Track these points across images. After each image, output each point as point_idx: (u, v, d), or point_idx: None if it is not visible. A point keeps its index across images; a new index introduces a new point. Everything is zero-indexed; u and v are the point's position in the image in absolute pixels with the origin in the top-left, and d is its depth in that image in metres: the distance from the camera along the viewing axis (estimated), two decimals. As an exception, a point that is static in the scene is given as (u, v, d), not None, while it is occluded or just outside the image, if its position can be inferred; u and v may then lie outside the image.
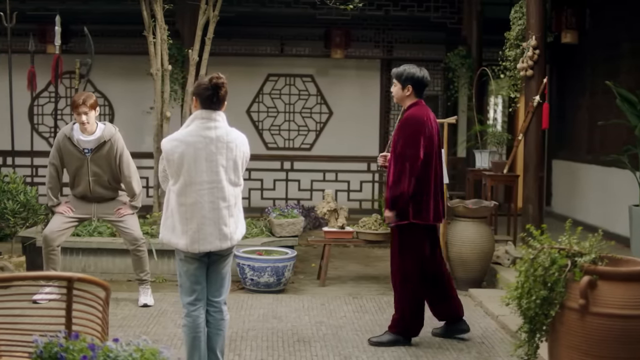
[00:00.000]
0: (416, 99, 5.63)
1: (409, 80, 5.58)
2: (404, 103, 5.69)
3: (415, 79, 5.57)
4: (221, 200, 4.41)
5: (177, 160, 4.36)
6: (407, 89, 5.59)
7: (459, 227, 7.43)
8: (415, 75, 5.57)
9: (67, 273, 3.54)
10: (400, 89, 5.64)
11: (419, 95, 5.64)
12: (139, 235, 6.58)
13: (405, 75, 5.60)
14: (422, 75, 5.61)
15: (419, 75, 5.59)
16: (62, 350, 3.33)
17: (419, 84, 5.59)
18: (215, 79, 4.46)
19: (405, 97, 5.64)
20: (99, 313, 3.74)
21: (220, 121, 4.47)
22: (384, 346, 5.58)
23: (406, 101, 5.66)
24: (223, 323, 4.62)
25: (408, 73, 5.59)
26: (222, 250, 4.49)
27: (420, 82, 5.60)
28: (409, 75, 5.58)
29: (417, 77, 5.58)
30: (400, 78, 5.62)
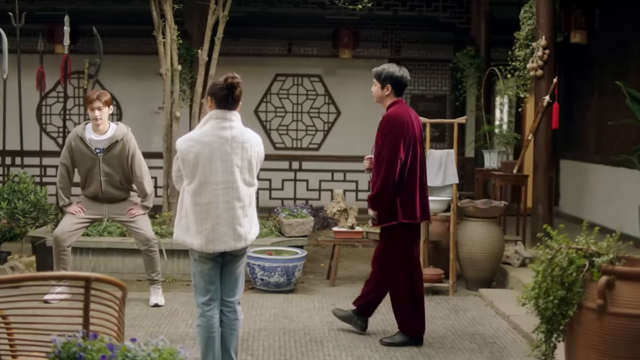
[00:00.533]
0: (396, 98, 5.65)
1: (388, 80, 5.59)
2: (384, 103, 5.70)
3: (395, 78, 5.58)
4: (236, 200, 4.41)
5: (192, 160, 4.36)
6: (386, 88, 5.60)
7: (469, 227, 7.43)
8: (394, 75, 5.58)
9: (85, 273, 3.54)
10: (380, 89, 5.65)
11: (399, 94, 5.67)
12: (151, 236, 6.58)
13: (384, 75, 5.60)
14: (402, 74, 5.63)
15: (398, 74, 5.60)
16: (81, 350, 3.33)
17: (398, 83, 5.61)
18: (230, 78, 4.47)
19: (385, 97, 5.66)
20: (115, 313, 3.75)
21: (235, 121, 4.47)
22: (396, 346, 5.58)
23: (386, 101, 5.67)
24: (237, 323, 4.62)
25: (387, 72, 5.60)
26: (236, 250, 4.49)
27: (400, 81, 5.61)
28: (387, 75, 5.59)
29: (396, 77, 5.58)
30: (380, 77, 5.63)
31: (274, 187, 10.94)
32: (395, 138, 5.43)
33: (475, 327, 6.14)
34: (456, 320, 6.36)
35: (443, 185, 7.42)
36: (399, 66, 5.69)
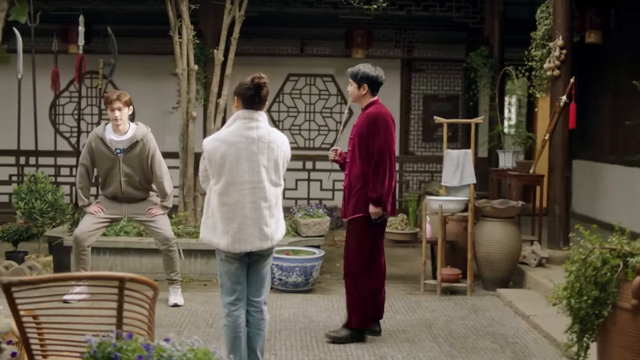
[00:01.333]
0: (373, 98, 5.73)
1: (364, 80, 5.65)
2: (361, 102, 5.77)
3: (370, 78, 5.64)
4: (262, 200, 4.41)
5: (219, 160, 4.37)
6: (362, 87, 5.66)
7: (486, 227, 7.43)
8: (370, 74, 5.65)
9: (119, 273, 3.54)
10: (356, 88, 5.70)
11: (374, 93, 5.73)
12: (170, 235, 6.58)
13: (360, 75, 5.67)
14: (377, 74, 5.69)
15: (374, 74, 5.66)
16: (116, 350, 3.34)
17: (373, 83, 5.68)
18: (257, 78, 4.48)
19: (362, 96, 5.73)
20: (146, 312, 3.75)
21: (261, 121, 4.48)
22: (340, 342, 5.60)
23: (363, 100, 5.74)
24: (263, 323, 4.63)
25: (363, 72, 5.66)
26: (262, 250, 4.49)
27: (375, 80, 5.68)
28: (363, 75, 5.65)
29: (372, 76, 5.65)
30: (356, 77, 5.69)
31: (288, 187, 10.89)
32: (391, 136, 5.58)
33: (495, 327, 6.14)
34: (476, 320, 6.36)
35: (460, 185, 7.44)
36: (374, 66, 5.77)
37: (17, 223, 7.90)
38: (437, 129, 11.28)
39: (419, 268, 8.44)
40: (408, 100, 11.34)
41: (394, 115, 11.13)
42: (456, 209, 7.33)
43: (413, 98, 11.41)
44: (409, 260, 9.02)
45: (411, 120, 11.44)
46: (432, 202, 7.35)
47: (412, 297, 7.11)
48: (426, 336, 5.85)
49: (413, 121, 11.47)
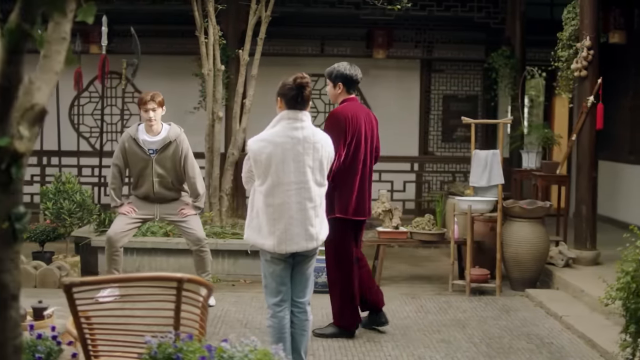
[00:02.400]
0: (348, 96, 5.70)
1: (339, 78, 5.65)
2: (337, 101, 5.75)
3: (345, 76, 5.63)
4: (308, 200, 4.42)
5: (265, 160, 4.37)
6: (337, 86, 5.66)
7: (515, 227, 7.43)
8: (344, 73, 5.63)
9: (178, 274, 3.56)
10: (332, 87, 5.71)
11: (350, 92, 5.71)
12: (202, 236, 6.58)
13: (335, 74, 5.67)
14: (352, 72, 5.66)
15: (349, 72, 5.64)
16: (177, 351, 3.35)
17: (349, 81, 5.66)
18: (299, 78, 4.50)
19: (338, 95, 5.72)
20: (198, 312, 3.76)
21: (306, 121, 4.49)
22: (326, 337, 5.68)
23: (339, 99, 5.73)
24: (307, 324, 4.64)
25: (337, 71, 5.66)
26: (308, 251, 4.51)
27: (350, 79, 5.66)
28: (338, 73, 5.65)
29: (347, 75, 5.63)
30: (331, 77, 5.70)
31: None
32: (336, 135, 5.36)
33: (528, 328, 6.14)
34: (508, 320, 6.36)
35: (488, 185, 7.44)
36: (350, 64, 5.76)
37: (43, 223, 7.92)
38: (457, 129, 11.29)
39: (443, 268, 8.47)
40: (428, 100, 11.34)
41: (413, 115, 11.33)
42: (485, 210, 7.33)
43: (432, 98, 11.42)
44: (432, 260, 9.02)
45: (431, 120, 11.44)
46: (461, 203, 7.35)
47: (442, 298, 7.11)
48: (461, 336, 5.86)
49: (432, 121, 11.48)
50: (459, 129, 11.29)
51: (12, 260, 2.27)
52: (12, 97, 2.24)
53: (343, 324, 5.76)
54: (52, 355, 3.40)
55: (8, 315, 2.30)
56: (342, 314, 5.73)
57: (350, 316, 5.77)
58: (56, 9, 2.21)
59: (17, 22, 2.15)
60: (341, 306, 5.71)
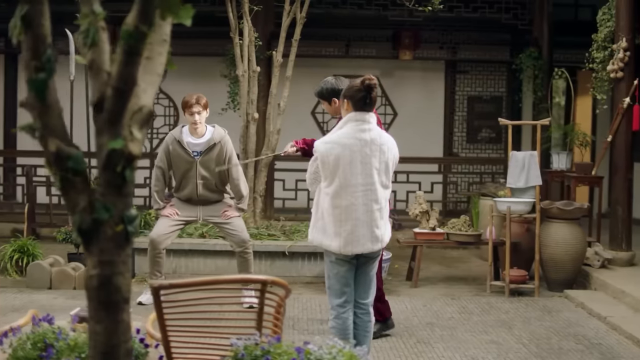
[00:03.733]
0: None
1: (330, 94, 5.71)
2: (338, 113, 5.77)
3: (335, 91, 5.66)
4: (374, 202, 4.44)
5: (333, 162, 4.38)
6: (333, 102, 5.71)
7: (552, 228, 7.44)
8: (333, 88, 5.69)
9: (262, 276, 3.58)
10: (329, 105, 5.78)
11: None
12: (247, 238, 6.58)
13: (325, 91, 5.73)
14: (337, 84, 5.72)
15: (335, 86, 5.69)
16: (264, 353, 3.36)
17: (339, 94, 5.66)
18: (367, 80, 4.51)
19: (337, 109, 5.70)
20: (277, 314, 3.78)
21: (372, 123, 4.50)
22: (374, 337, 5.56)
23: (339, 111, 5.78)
24: (370, 325, 4.66)
25: (326, 89, 5.72)
26: (372, 252, 4.52)
27: (338, 91, 5.63)
28: (328, 90, 5.71)
29: (336, 89, 5.66)
30: (323, 96, 5.75)
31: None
32: None
33: (574, 328, 6.16)
34: (552, 321, 6.37)
35: (526, 186, 7.45)
36: (333, 78, 5.85)
37: (79, 225, 7.91)
38: (482, 130, 11.30)
39: (476, 269, 8.50)
40: (452, 101, 11.36)
41: (437, 117, 11.30)
42: (524, 211, 7.35)
43: (457, 99, 11.43)
44: (464, 261, 9.04)
45: (455, 121, 11.45)
46: (500, 204, 7.37)
47: (482, 299, 7.13)
48: (509, 337, 5.87)
49: (457, 122, 11.50)
50: (484, 130, 11.31)
51: (125, 263, 2.29)
52: (126, 99, 2.25)
53: (384, 316, 5.81)
54: (139, 358, 3.40)
55: (120, 318, 2.31)
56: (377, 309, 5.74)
57: (387, 307, 5.86)
58: (170, 11, 2.23)
59: (134, 24, 2.16)
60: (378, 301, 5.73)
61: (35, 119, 2.24)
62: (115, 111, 2.25)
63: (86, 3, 2.24)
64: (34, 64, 2.21)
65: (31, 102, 2.23)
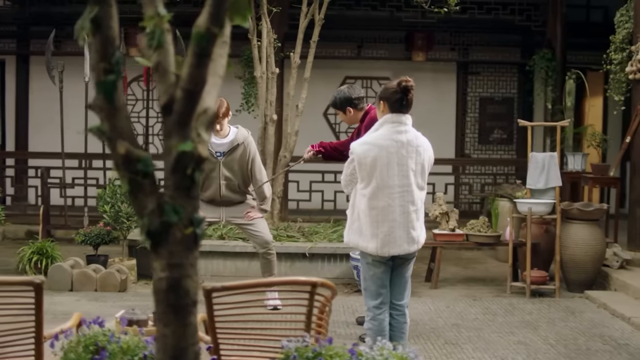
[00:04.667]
0: (361, 112, 5.82)
1: (344, 104, 5.78)
2: (357, 120, 5.87)
3: (348, 100, 5.76)
4: (410, 204, 4.45)
5: (370, 163, 4.39)
6: (347, 110, 5.78)
7: (572, 229, 7.46)
8: (346, 97, 5.77)
9: (312, 278, 3.58)
10: (343, 114, 5.85)
11: (361, 107, 5.83)
12: (270, 239, 6.57)
13: (339, 101, 5.80)
14: (350, 93, 5.79)
15: (349, 95, 5.77)
16: (316, 355, 3.36)
17: (352, 102, 5.79)
18: (404, 82, 4.52)
19: (352, 117, 5.84)
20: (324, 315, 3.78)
21: (409, 125, 4.52)
22: None
23: (355, 119, 5.87)
24: (406, 326, 4.68)
25: (339, 99, 5.80)
26: (408, 254, 4.53)
27: (353, 99, 5.78)
28: (341, 100, 5.79)
29: (349, 97, 5.75)
30: (337, 106, 5.83)
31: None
32: None
33: (599, 329, 6.17)
34: (577, 322, 6.38)
35: (546, 187, 7.47)
36: (345, 86, 5.92)
37: (97, 227, 7.92)
38: (493, 131, 11.32)
39: (492, 270, 8.52)
40: (464, 102, 11.38)
41: (448, 118, 11.32)
42: (544, 212, 7.36)
43: (469, 100, 11.45)
44: (479, 262, 9.05)
45: (467, 122, 11.47)
46: (521, 205, 7.38)
47: (503, 299, 7.14)
48: (536, 338, 5.88)
49: (469, 123, 11.51)
50: (495, 131, 11.33)
51: (193, 265, 2.29)
52: (196, 101, 2.25)
53: None
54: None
55: (189, 321, 2.31)
56: None
57: None
58: (238, 13, 2.23)
59: (206, 26, 2.17)
60: None
61: (103, 121, 2.23)
62: (185, 113, 2.25)
63: (150, 5, 2.23)
64: (102, 65, 2.21)
65: (99, 104, 2.22)
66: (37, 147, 11.10)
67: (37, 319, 3.41)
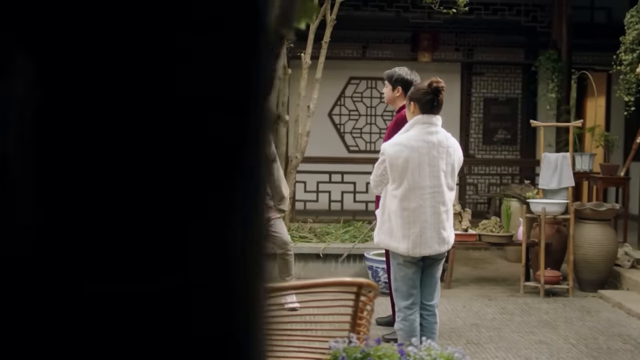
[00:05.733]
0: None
1: (399, 82, 5.76)
2: (396, 104, 5.86)
3: (405, 81, 5.72)
4: (441, 204, 4.47)
5: (402, 164, 4.40)
6: (397, 90, 5.76)
7: (585, 229, 7.50)
8: (405, 78, 5.74)
9: (358, 279, 3.59)
10: (391, 90, 5.83)
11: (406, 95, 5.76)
12: (288, 239, 6.57)
13: (396, 77, 5.78)
14: (412, 78, 5.75)
15: (409, 77, 5.74)
16: (365, 356, 3.38)
17: (407, 86, 5.67)
18: (434, 83, 4.54)
19: (396, 98, 5.82)
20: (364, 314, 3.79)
21: (439, 126, 4.54)
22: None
23: (397, 102, 5.83)
24: (436, 326, 4.69)
25: (398, 75, 5.78)
26: (439, 254, 4.55)
27: (410, 84, 5.67)
28: (399, 77, 5.76)
29: (407, 79, 5.72)
30: (391, 80, 5.81)
31: (359, 190, 10.87)
32: None
33: (617, 328, 6.21)
34: (594, 321, 6.42)
35: (559, 188, 7.51)
36: (411, 70, 5.87)
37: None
38: (497, 131, 11.36)
39: (503, 270, 8.55)
40: (468, 103, 11.41)
41: (453, 119, 11.35)
42: (558, 212, 7.41)
43: (474, 101, 11.49)
44: (488, 262, 9.08)
45: (472, 123, 11.50)
46: (534, 205, 7.42)
47: (518, 299, 7.17)
48: (556, 337, 5.92)
49: (474, 124, 11.55)
50: (500, 132, 11.38)
51: None
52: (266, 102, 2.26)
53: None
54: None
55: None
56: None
57: None
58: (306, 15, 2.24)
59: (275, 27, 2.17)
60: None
61: None
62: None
63: None
64: None
65: None
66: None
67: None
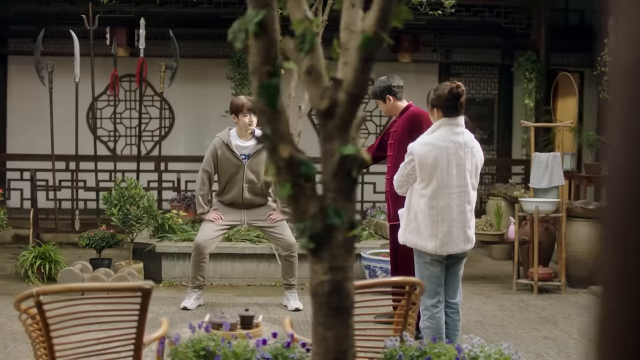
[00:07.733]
0: (405, 103, 5.84)
1: (385, 92, 5.79)
2: (396, 110, 5.84)
3: (389, 88, 5.78)
4: (467, 203, 4.56)
5: (431, 164, 4.48)
6: (388, 99, 5.80)
7: (574, 227, 7.69)
8: (387, 86, 5.79)
9: (409, 278, 3.64)
10: (384, 104, 5.85)
11: (401, 97, 5.85)
12: (293, 241, 6.55)
13: (380, 91, 5.81)
14: (390, 81, 5.83)
15: (389, 83, 5.80)
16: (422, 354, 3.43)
17: (393, 90, 5.81)
18: (455, 88, 4.62)
19: (392, 107, 5.83)
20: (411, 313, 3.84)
21: (463, 126, 4.62)
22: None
23: (396, 108, 5.83)
24: (459, 324, 4.79)
25: (380, 87, 5.82)
26: (463, 252, 4.64)
27: (393, 87, 5.81)
28: (382, 89, 5.80)
29: (389, 85, 5.78)
30: (378, 95, 5.84)
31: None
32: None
33: (615, 324, 6.38)
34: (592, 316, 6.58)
35: (549, 187, 7.68)
36: (385, 76, 5.92)
37: (101, 230, 7.81)
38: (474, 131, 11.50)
39: (491, 268, 8.71)
40: (446, 103, 11.55)
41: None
42: (549, 210, 7.57)
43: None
44: (476, 260, 9.21)
45: (450, 123, 11.64)
46: (527, 204, 7.57)
47: (513, 296, 7.31)
48: (560, 333, 6.06)
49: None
50: (477, 132, 11.53)
51: (352, 268, 2.33)
52: (358, 105, 2.30)
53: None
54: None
55: (349, 324, 2.35)
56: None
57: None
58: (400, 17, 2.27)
59: (373, 31, 2.20)
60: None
61: (265, 124, 2.24)
62: (348, 117, 2.29)
63: (299, 9, 2.26)
64: (266, 69, 2.21)
65: (261, 108, 2.23)
66: (16, 149, 10.83)
67: (140, 325, 3.38)
